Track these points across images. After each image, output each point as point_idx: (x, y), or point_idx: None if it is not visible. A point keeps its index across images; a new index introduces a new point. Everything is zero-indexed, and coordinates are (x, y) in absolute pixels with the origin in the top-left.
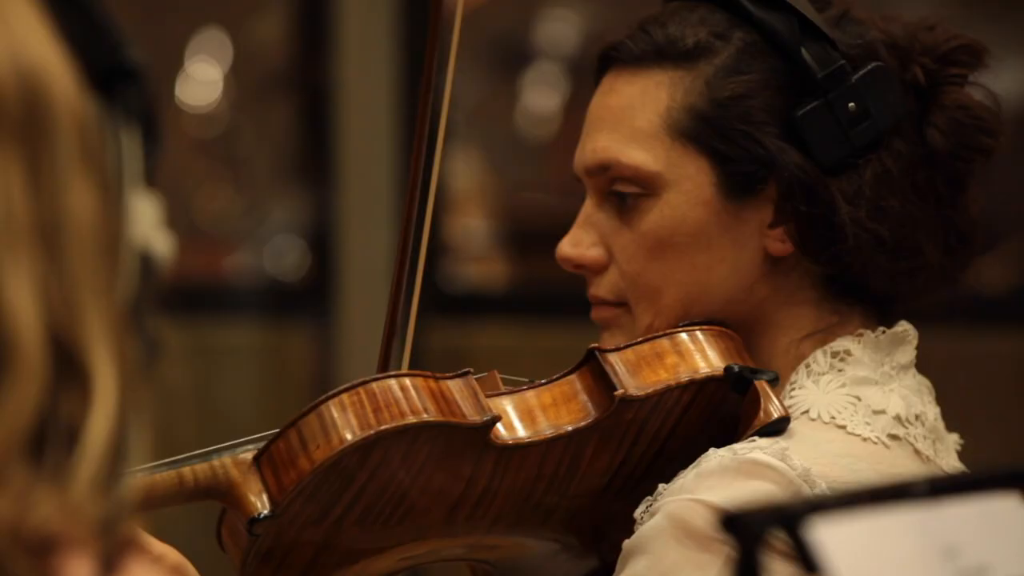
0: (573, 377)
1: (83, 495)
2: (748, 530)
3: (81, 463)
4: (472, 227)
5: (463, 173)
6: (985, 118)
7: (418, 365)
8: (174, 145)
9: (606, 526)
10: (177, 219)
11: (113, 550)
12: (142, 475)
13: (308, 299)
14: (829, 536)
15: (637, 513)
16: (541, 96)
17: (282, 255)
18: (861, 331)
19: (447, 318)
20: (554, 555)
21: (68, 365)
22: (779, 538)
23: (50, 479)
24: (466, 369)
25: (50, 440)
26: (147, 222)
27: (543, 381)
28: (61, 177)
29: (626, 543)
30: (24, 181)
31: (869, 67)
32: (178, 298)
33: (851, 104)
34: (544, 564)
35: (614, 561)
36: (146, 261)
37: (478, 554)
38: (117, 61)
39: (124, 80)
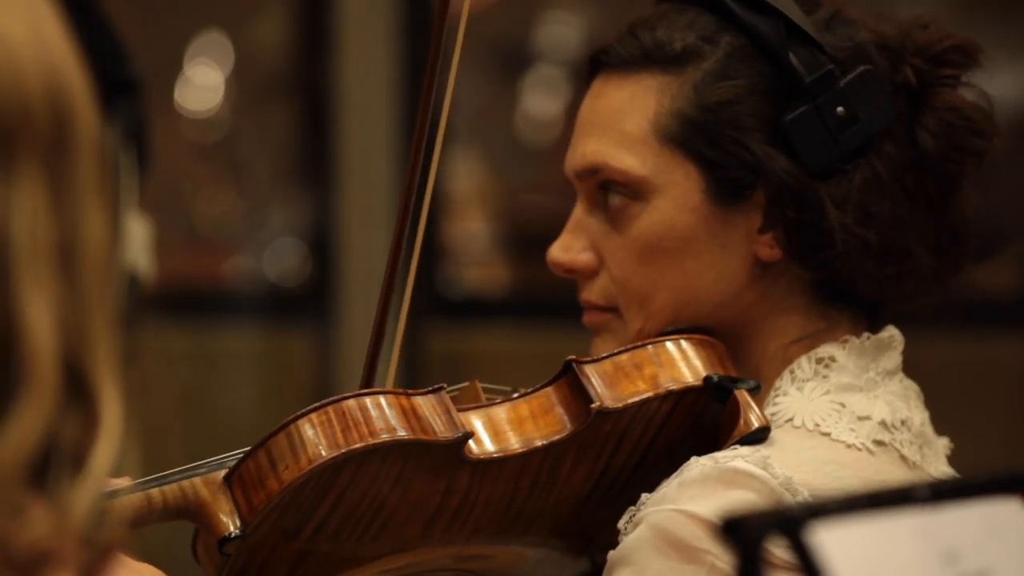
0: (550, 389)
1: (81, 518)
2: (748, 535)
3: (84, 488)
4: (473, 231)
5: (464, 176)
6: (977, 119)
7: (418, 369)
8: (174, 149)
9: (593, 530)
10: (177, 223)
11: (95, 561)
12: (111, 499)
13: (308, 303)
14: (830, 540)
15: (621, 523)
16: (542, 99)
17: (282, 259)
18: (846, 337)
19: (448, 322)
20: (542, 559)
21: (76, 389)
22: (778, 545)
23: (49, 499)
24: (439, 384)
25: (53, 461)
26: (138, 244)
27: (522, 392)
28: (79, 199)
29: (611, 554)
30: (48, 202)
31: (858, 71)
32: (178, 302)
33: (839, 108)
34: (533, 570)
35: (604, 563)
36: (132, 282)
37: (463, 564)
38: (119, 74)
39: (124, 94)
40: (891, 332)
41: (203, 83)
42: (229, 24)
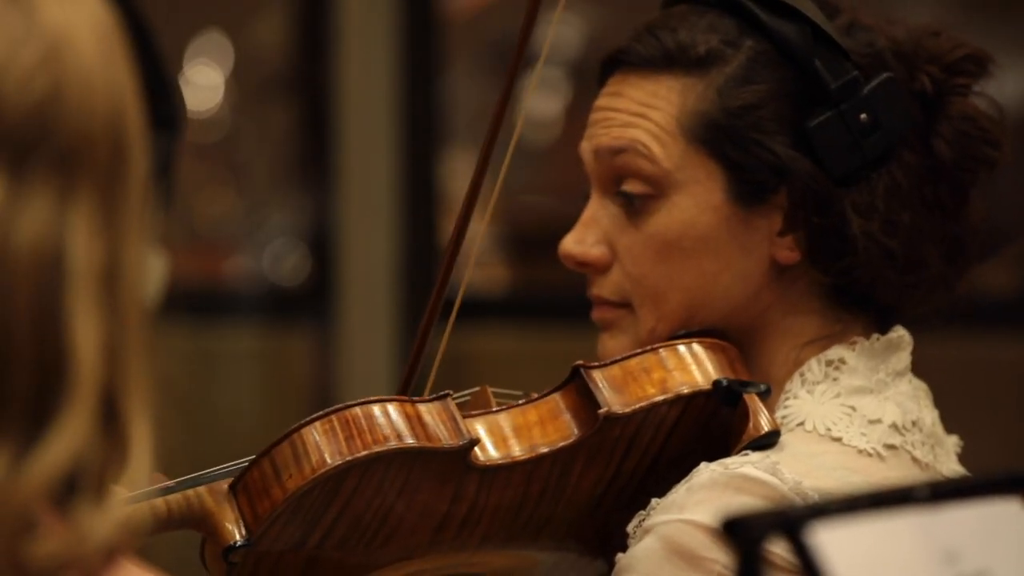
0: (558, 395)
1: (98, 544)
2: (749, 535)
3: (105, 516)
4: (472, 231)
5: (463, 177)
6: (990, 129)
7: (418, 371)
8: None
9: (609, 531)
10: (177, 223)
11: (99, 562)
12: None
13: (308, 303)
14: (830, 540)
15: (630, 527)
16: (542, 100)
17: (282, 259)
18: (855, 339)
19: (446, 322)
20: (557, 563)
21: (110, 416)
22: (779, 546)
23: (69, 521)
24: (445, 391)
25: (79, 485)
26: (154, 278)
27: (533, 397)
28: (126, 227)
29: (619, 557)
30: (100, 227)
31: (881, 78)
32: (178, 302)
33: (863, 115)
34: (548, 573)
35: None
36: None
37: (476, 569)
38: (162, 109)
39: (163, 129)
40: (900, 332)
41: (203, 83)
42: (229, 24)
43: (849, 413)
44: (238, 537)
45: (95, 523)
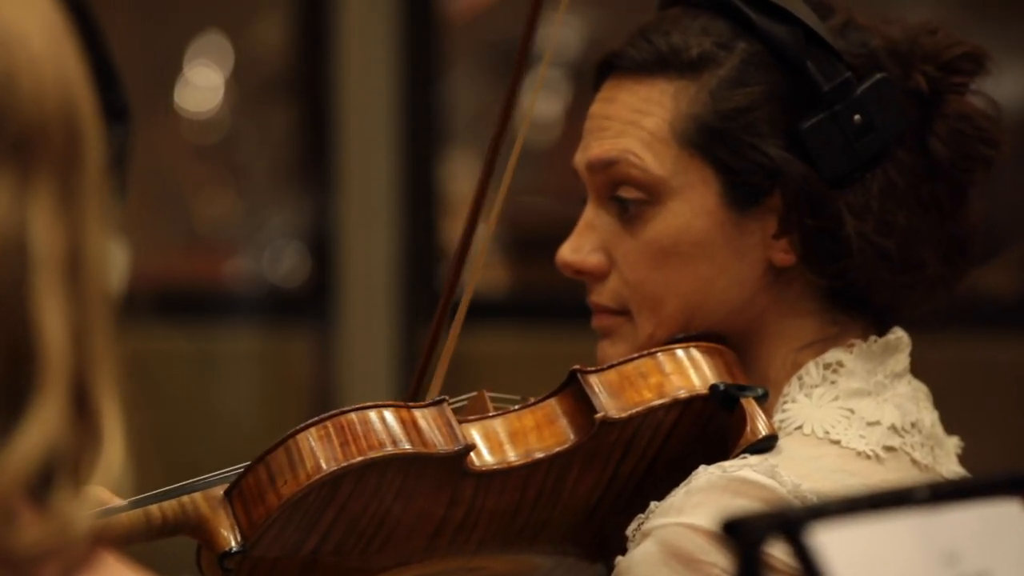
0: (554, 400)
1: (77, 529)
2: (748, 537)
3: (82, 505)
4: (479, 235)
5: (463, 178)
6: (987, 128)
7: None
8: (174, 151)
9: (607, 534)
10: (177, 225)
11: (78, 556)
12: (109, 517)
13: (308, 304)
14: (830, 542)
15: (629, 530)
16: (542, 101)
17: (282, 260)
18: (852, 341)
19: (446, 324)
20: (555, 567)
21: (81, 404)
22: (778, 549)
23: (46, 511)
24: (441, 396)
25: (54, 475)
26: (115, 267)
27: (530, 402)
28: (85, 214)
29: (619, 560)
30: (59, 214)
31: (874, 79)
32: (178, 303)
33: (856, 116)
34: None
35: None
36: None
37: (474, 574)
38: (111, 99)
39: (113, 119)
40: (898, 334)
41: (203, 84)
42: (229, 25)
43: (848, 416)
44: (233, 543)
45: (75, 511)
